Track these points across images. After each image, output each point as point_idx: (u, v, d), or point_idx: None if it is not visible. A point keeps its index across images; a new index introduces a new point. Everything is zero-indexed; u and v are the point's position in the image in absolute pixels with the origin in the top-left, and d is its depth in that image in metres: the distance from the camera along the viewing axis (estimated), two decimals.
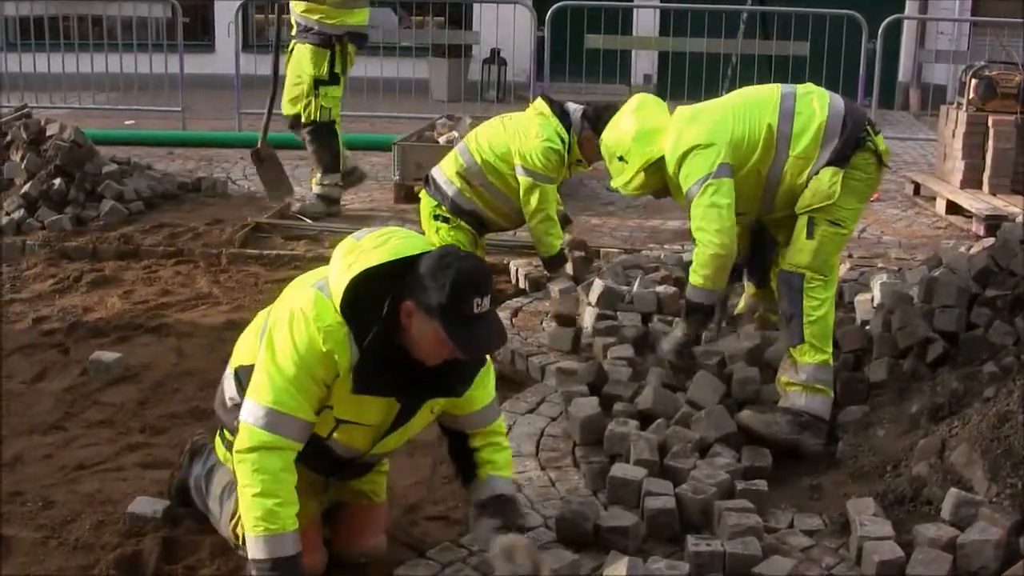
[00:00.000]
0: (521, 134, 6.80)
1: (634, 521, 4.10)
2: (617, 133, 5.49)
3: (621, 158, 5.44)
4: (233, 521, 3.95)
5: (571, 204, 9.69)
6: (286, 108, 8.98)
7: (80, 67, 13.69)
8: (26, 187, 8.59)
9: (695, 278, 5.22)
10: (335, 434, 3.73)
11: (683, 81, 13.13)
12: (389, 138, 10.66)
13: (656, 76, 16.53)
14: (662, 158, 5.28)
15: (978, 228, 8.81)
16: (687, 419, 4.89)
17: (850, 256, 7.64)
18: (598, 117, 6.58)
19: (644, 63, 16.66)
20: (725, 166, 5.09)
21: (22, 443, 5.04)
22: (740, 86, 5.85)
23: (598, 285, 6.38)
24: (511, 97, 15.60)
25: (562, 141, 6.77)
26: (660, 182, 5.41)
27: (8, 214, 8.42)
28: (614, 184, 5.59)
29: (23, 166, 8.77)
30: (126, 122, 13.42)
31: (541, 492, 4.55)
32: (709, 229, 5.07)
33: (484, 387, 3.88)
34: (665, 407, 5.00)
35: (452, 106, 14.08)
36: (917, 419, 4.78)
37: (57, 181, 8.65)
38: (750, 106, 5.20)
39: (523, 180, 6.77)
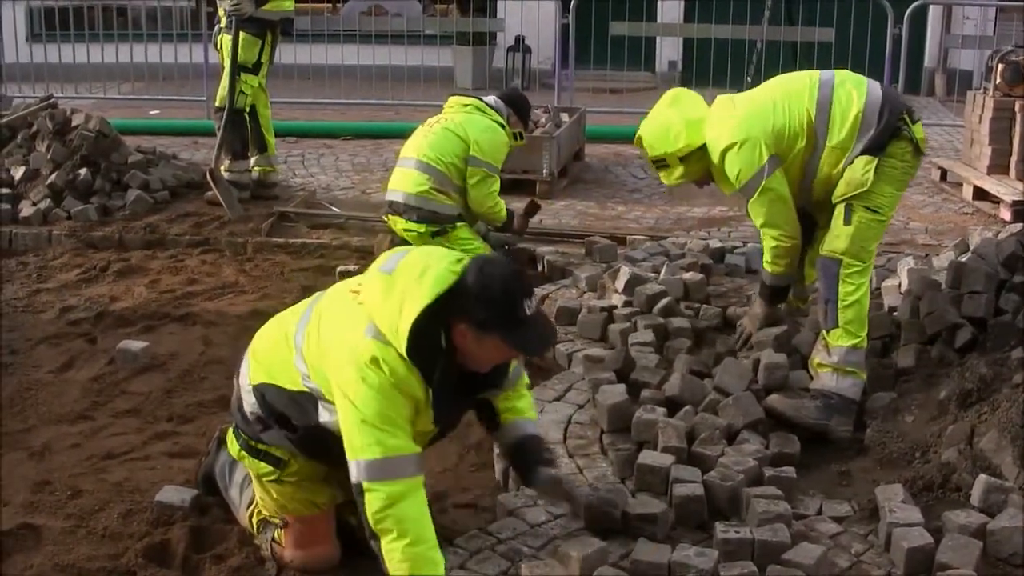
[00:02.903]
0: (471, 131, 7.01)
1: (662, 508, 4.09)
2: (655, 129, 5.48)
3: (664, 157, 5.44)
4: (250, 510, 3.95)
5: (597, 191, 9.73)
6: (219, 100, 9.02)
7: (105, 57, 13.70)
8: (52, 177, 8.63)
9: (771, 267, 5.45)
10: None
11: (708, 68, 13.05)
12: (414, 126, 10.62)
13: (681, 63, 16.44)
14: (702, 147, 5.29)
15: (1005, 214, 8.75)
16: (715, 406, 4.88)
17: None
18: (511, 99, 7.44)
19: (669, 50, 16.53)
20: (773, 159, 5.13)
21: (50, 432, 5.07)
22: (765, 73, 5.84)
23: (624, 272, 6.36)
24: (536, 85, 15.52)
25: (502, 127, 7.15)
26: (702, 171, 5.42)
27: (34, 204, 8.46)
28: (663, 180, 5.65)
29: (49, 156, 8.80)
30: (151, 112, 13.44)
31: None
32: (775, 225, 5.26)
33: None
34: (692, 394, 4.99)
35: (477, 94, 14.01)
36: (946, 405, 4.76)
37: (83, 171, 8.68)
38: (789, 95, 5.20)
39: (476, 171, 6.94)
